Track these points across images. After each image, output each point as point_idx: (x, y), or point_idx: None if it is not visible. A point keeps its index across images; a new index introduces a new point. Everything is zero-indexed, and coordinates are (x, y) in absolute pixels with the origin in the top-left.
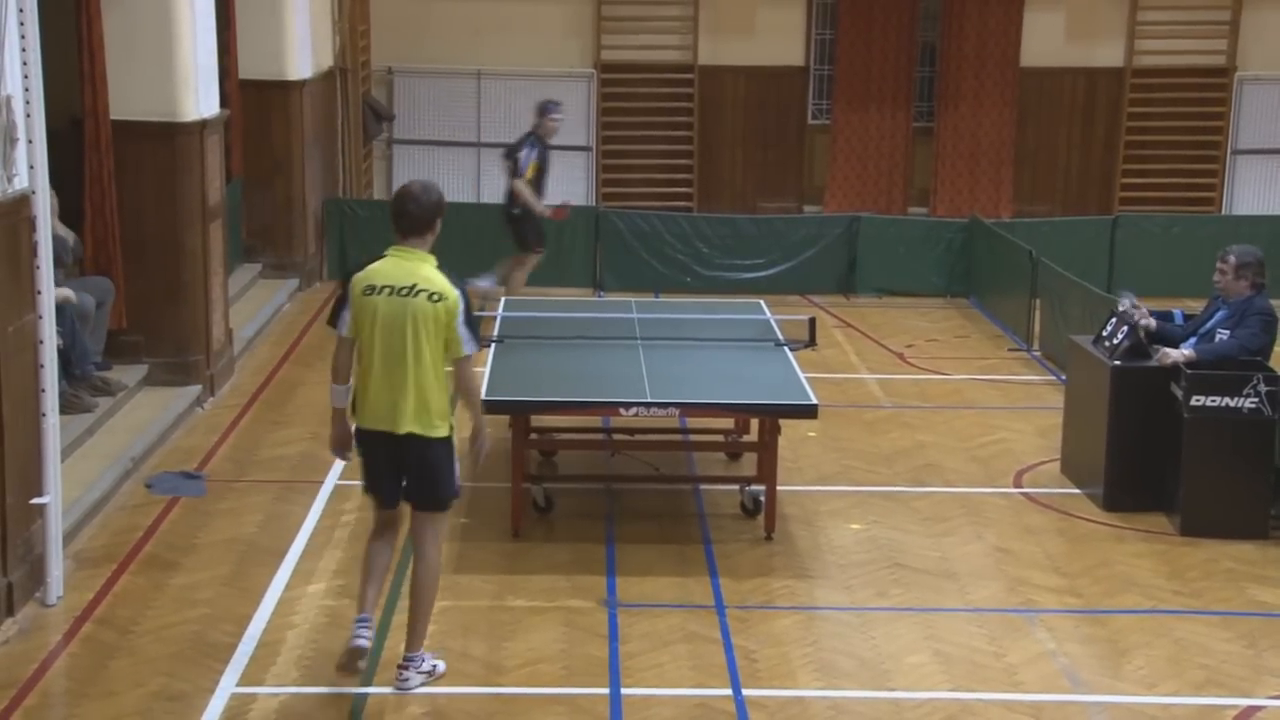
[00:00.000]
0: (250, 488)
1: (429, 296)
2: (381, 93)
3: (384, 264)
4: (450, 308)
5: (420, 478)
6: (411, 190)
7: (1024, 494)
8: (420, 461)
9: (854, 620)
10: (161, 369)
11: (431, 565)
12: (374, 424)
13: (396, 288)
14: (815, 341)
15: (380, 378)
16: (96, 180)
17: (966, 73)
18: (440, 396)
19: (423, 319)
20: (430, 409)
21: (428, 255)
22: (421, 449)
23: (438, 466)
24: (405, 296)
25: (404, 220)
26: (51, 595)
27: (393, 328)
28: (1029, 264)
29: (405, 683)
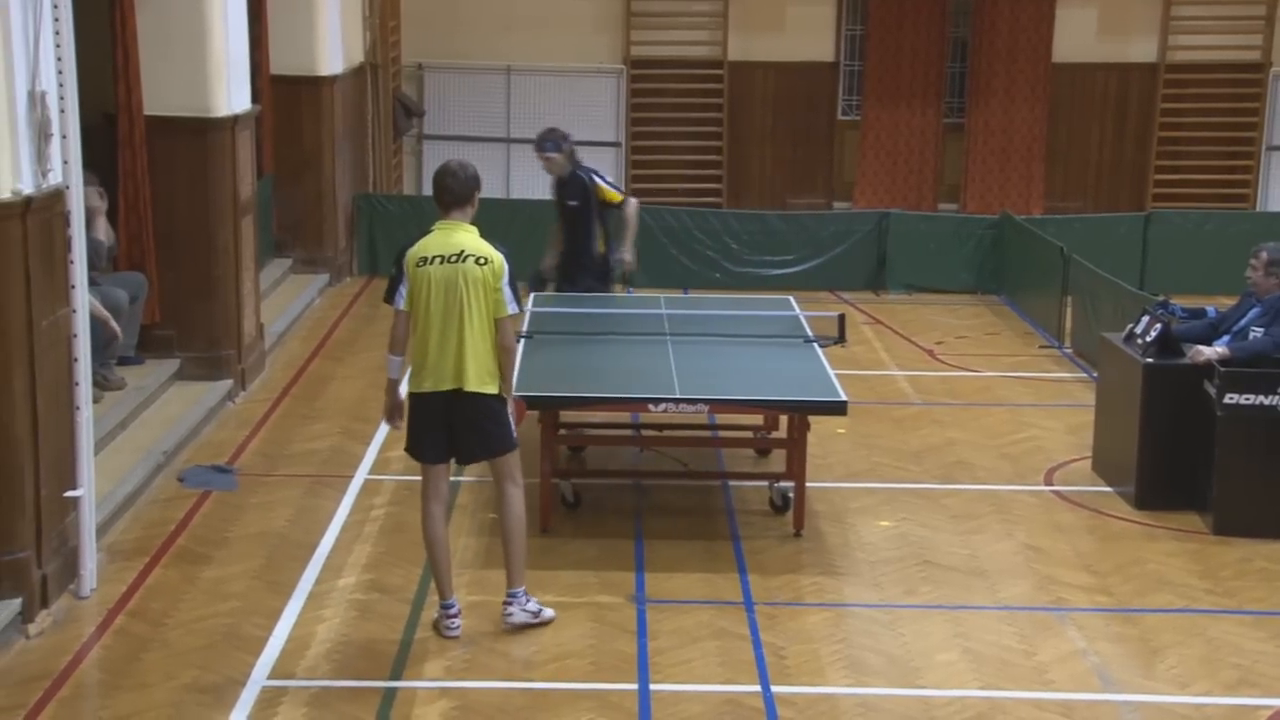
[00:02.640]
0: (281, 482)
1: (476, 260)
2: (412, 88)
3: (432, 237)
4: (496, 270)
5: (484, 431)
6: (450, 167)
7: (1054, 492)
8: (482, 417)
9: (883, 617)
10: (193, 363)
11: (515, 506)
12: (436, 385)
13: (446, 256)
14: (845, 338)
15: (438, 341)
16: (130, 175)
17: (998, 68)
18: (490, 354)
19: (472, 282)
20: (486, 367)
21: (470, 226)
22: (482, 405)
23: (493, 419)
24: (455, 263)
25: (446, 195)
26: (85, 588)
27: (447, 293)
28: (1060, 261)
29: (510, 618)
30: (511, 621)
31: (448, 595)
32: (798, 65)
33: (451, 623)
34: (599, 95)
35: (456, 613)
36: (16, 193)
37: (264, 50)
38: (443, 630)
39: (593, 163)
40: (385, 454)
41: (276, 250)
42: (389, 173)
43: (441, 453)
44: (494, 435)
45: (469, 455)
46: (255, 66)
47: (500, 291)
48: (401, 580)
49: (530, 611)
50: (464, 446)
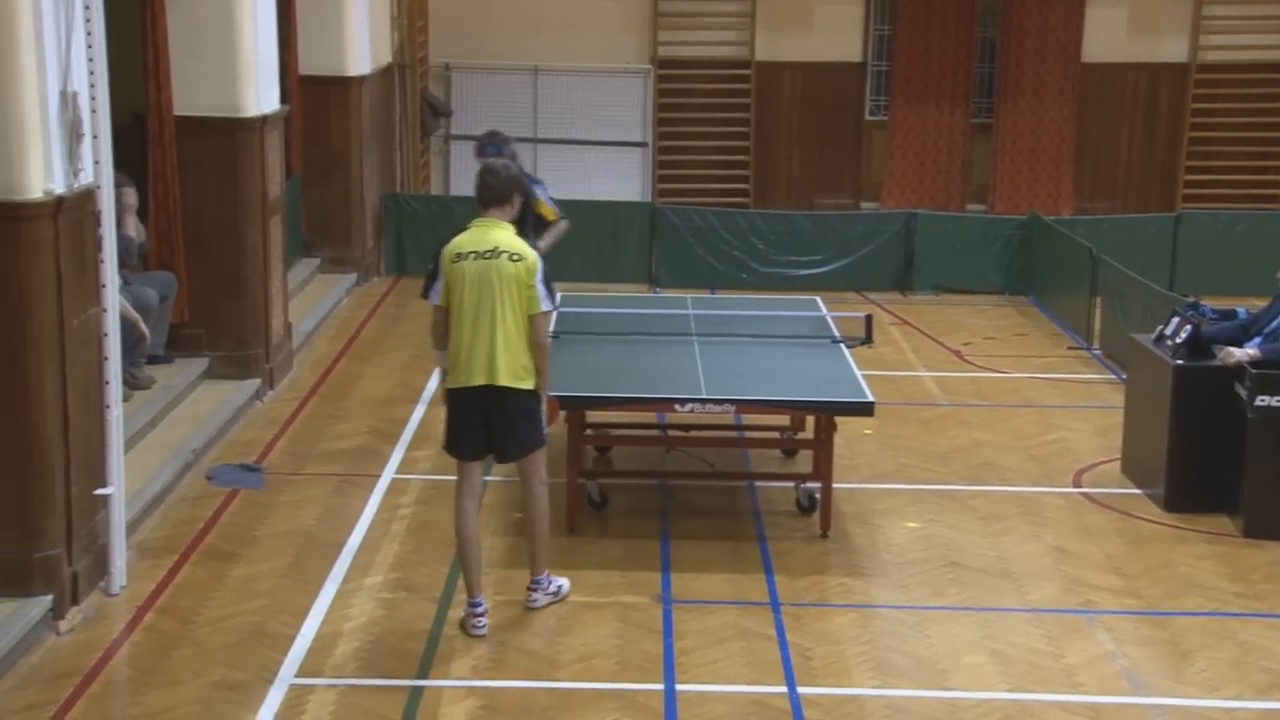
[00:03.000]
0: (308, 480)
1: (509, 257)
2: (439, 88)
3: (467, 234)
4: (530, 267)
5: (514, 427)
6: (493, 166)
7: (1083, 494)
8: (514, 412)
9: (910, 619)
10: (221, 362)
11: (540, 499)
12: (469, 380)
13: (481, 252)
14: (872, 339)
15: (472, 336)
16: (160, 175)
17: (1026, 68)
18: (524, 351)
19: (505, 278)
20: (519, 363)
21: (506, 224)
22: (514, 400)
23: (525, 415)
24: (489, 259)
25: (486, 192)
26: (115, 585)
27: (481, 289)
28: (1089, 262)
29: (534, 603)
30: (535, 606)
31: (476, 593)
32: (825, 65)
33: (478, 621)
34: (626, 95)
35: (484, 611)
36: (48, 192)
37: (293, 51)
38: (469, 629)
39: (620, 163)
40: (412, 453)
41: (304, 250)
42: (416, 173)
43: (477, 449)
44: (526, 433)
45: (506, 454)
46: (284, 67)
47: (533, 288)
48: (428, 579)
49: (551, 594)
50: (501, 445)
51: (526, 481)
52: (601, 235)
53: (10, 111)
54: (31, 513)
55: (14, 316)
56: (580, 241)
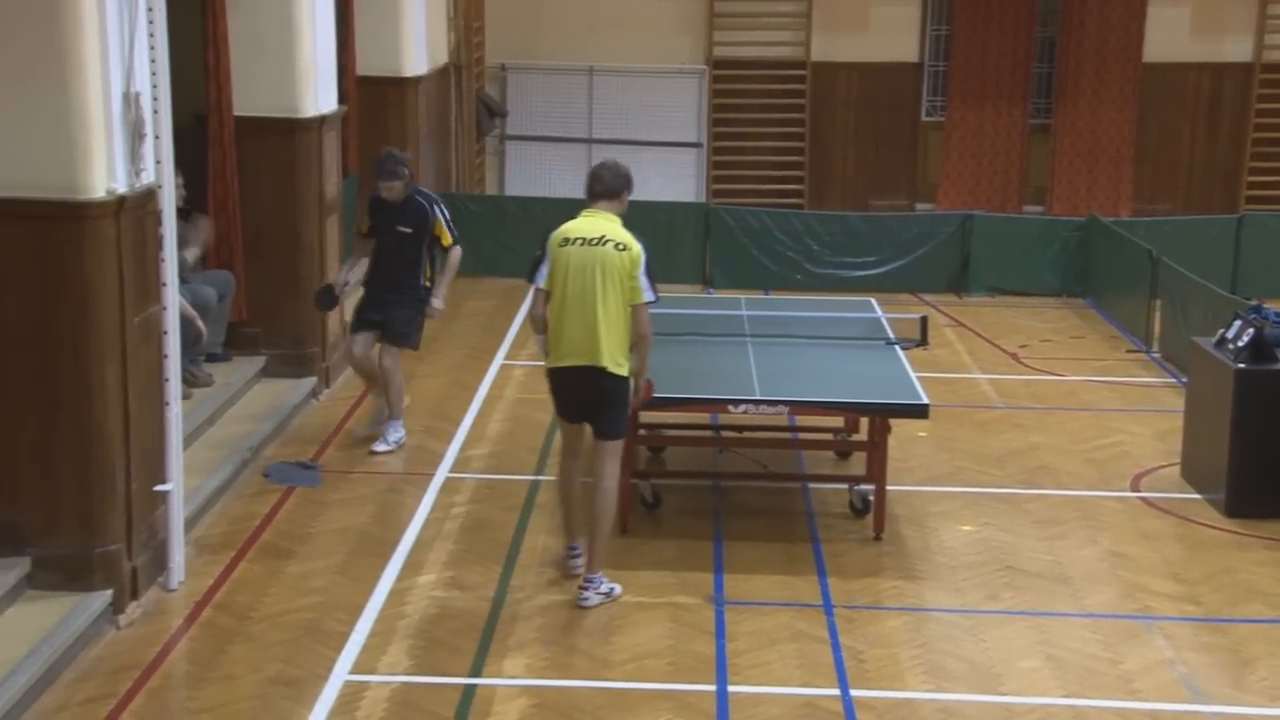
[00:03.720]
0: (363, 479)
1: (615, 246)
2: (495, 89)
3: (578, 221)
4: (634, 258)
5: (601, 410)
6: (606, 162)
7: (1141, 498)
8: (604, 394)
9: (964, 623)
10: (278, 361)
11: (607, 491)
12: (568, 361)
13: (587, 239)
14: (927, 340)
15: (573, 318)
16: (220, 175)
17: (1086, 68)
18: (622, 338)
19: (609, 266)
20: (615, 348)
21: (615, 217)
22: (607, 383)
23: (616, 401)
24: (594, 246)
25: (597, 184)
26: (173, 580)
27: (584, 274)
28: (1149, 264)
29: (585, 601)
30: (586, 604)
31: (573, 538)
32: (881, 66)
33: (575, 561)
34: (681, 96)
35: (580, 553)
36: (111, 192)
37: (350, 52)
38: (568, 568)
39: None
40: (466, 452)
41: (360, 249)
42: (472, 173)
43: (577, 415)
44: (613, 419)
45: (598, 429)
46: (342, 68)
47: (636, 279)
48: (481, 577)
49: (603, 594)
50: (595, 420)
51: (597, 472)
52: (655, 236)
53: (75, 112)
54: (93, 508)
55: (77, 314)
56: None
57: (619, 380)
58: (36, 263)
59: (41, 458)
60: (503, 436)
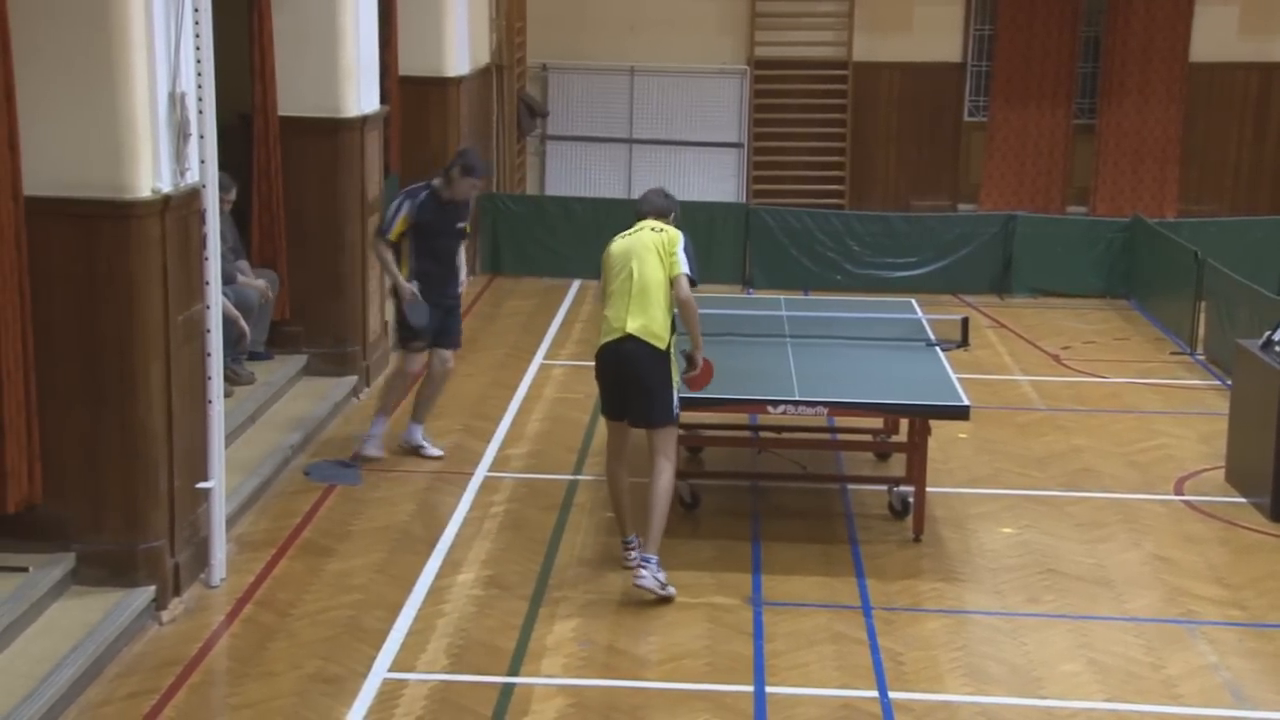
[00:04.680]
0: (403, 477)
1: (651, 229)
2: (536, 89)
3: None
4: (672, 238)
5: (641, 391)
6: (661, 190)
7: (1185, 501)
8: (641, 369)
9: (1004, 625)
10: (320, 359)
11: (662, 478)
12: (607, 337)
13: (629, 233)
14: (968, 341)
15: (616, 298)
16: (265, 174)
17: (1131, 68)
18: (663, 316)
19: (645, 246)
20: (654, 323)
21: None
22: (647, 357)
23: (656, 379)
24: (634, 234)
25: (646, 205)
26: (215, 577)
27: (625, 257)
28: (1194, 265)
29: (641, 580)
30: (641, 584)
31: (627, 532)
32: (924, 66)
33: (630, 554)
34: (722, 96)
35: (635, 545)
36: (156, 191)
37: (393, 52)
38: (625, 560)
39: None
40: (505, 451)
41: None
42: (513, 173)
43: (615, 409)
44: (657, 403)
45: (635, 417)
46: (384, 68)
47: (675, 255)
48: (520, 577)
49: (659, 581)
50: (632, 406)
51: (653, 456)
52: (696, 236)
53: (121, 112)
54: (137, 505)
55: (123, 312)
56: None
57: (657, 354)
58: (82, 262)
59: (87, 455)
60: (542, 436)
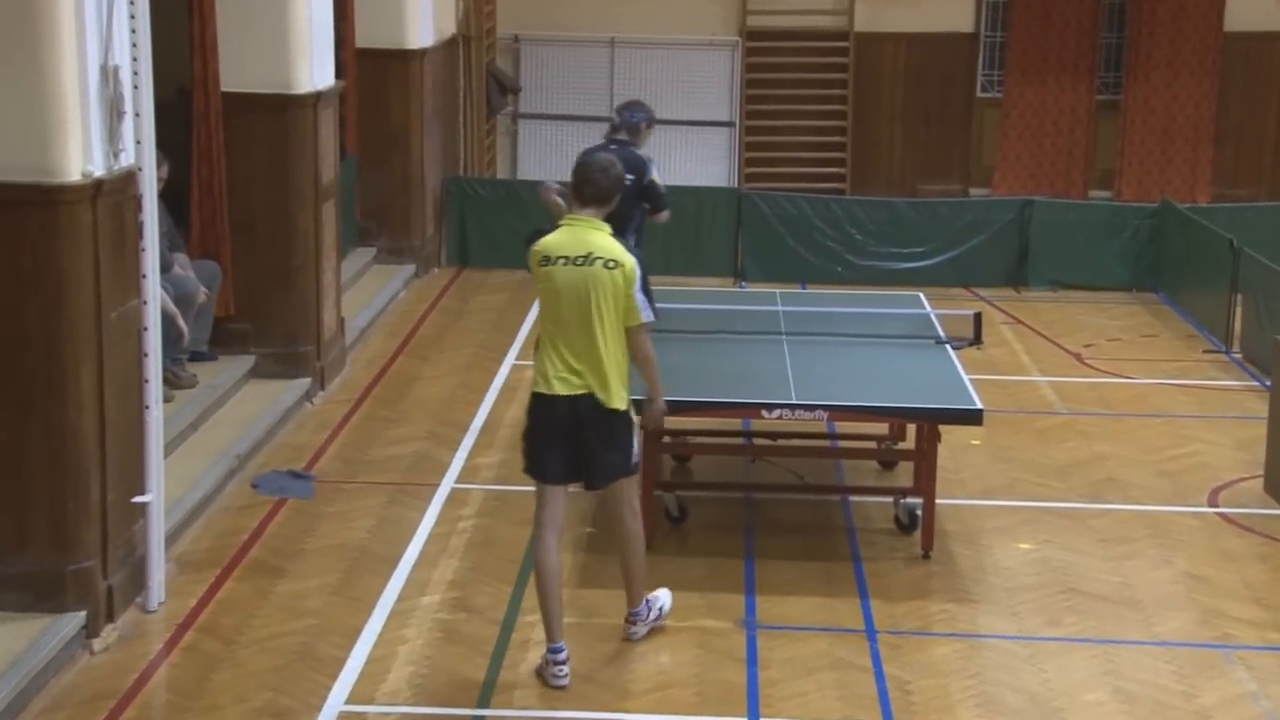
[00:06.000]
0: (361, 490)
1: (605, 264)
2: (507, 63)
3: (560, 234)
4: (628, 275)
5: (602, 449)
6: (601, 162)
7: (1220, 514)
8: (600, 433)
9: (1022, 651)
10: (269, 360)
11: (632, 535)
12: (564, 389)
13: (572, 257)
14: (981, 339)
15: (563, 348)
16: (205, 155)
17: (1160, 38)
18: (620, 368)
19: (601, 288)
20: (612, 379)
21: (601, 224)
22: (601, 420)
23: (616, 437)
24: (582, 266)
25: (590, 188)
26: (153, 600)
27: (573, 298)
28: (1229, 254)
29: (634, 635)
30: (636, 637)
31: (556, 637)
32: (932, 36)
33: (560, 670)
34: (712, 70)
35: (566, 658)
36: (87, 175)
37: (349, 22)
38: (549, 678)
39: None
40: (474, 460)
41: (359, 238)
42: (482, 154)
43: (563, 471)
44: (615, 461)
45: (594, 479)
46: (340, 39)
47: (632, 298)
48: (490, 599)
49: (652, 620)
50: (587, 469)
51: (616, 512)
52: (683, 224)
53: (48, 88)
54: (65, 521)
55: (50, 308)
56: (660, 230)
57: (620, 415)
58: (5, 252)
59: (9, 465)
60: (514, 443)
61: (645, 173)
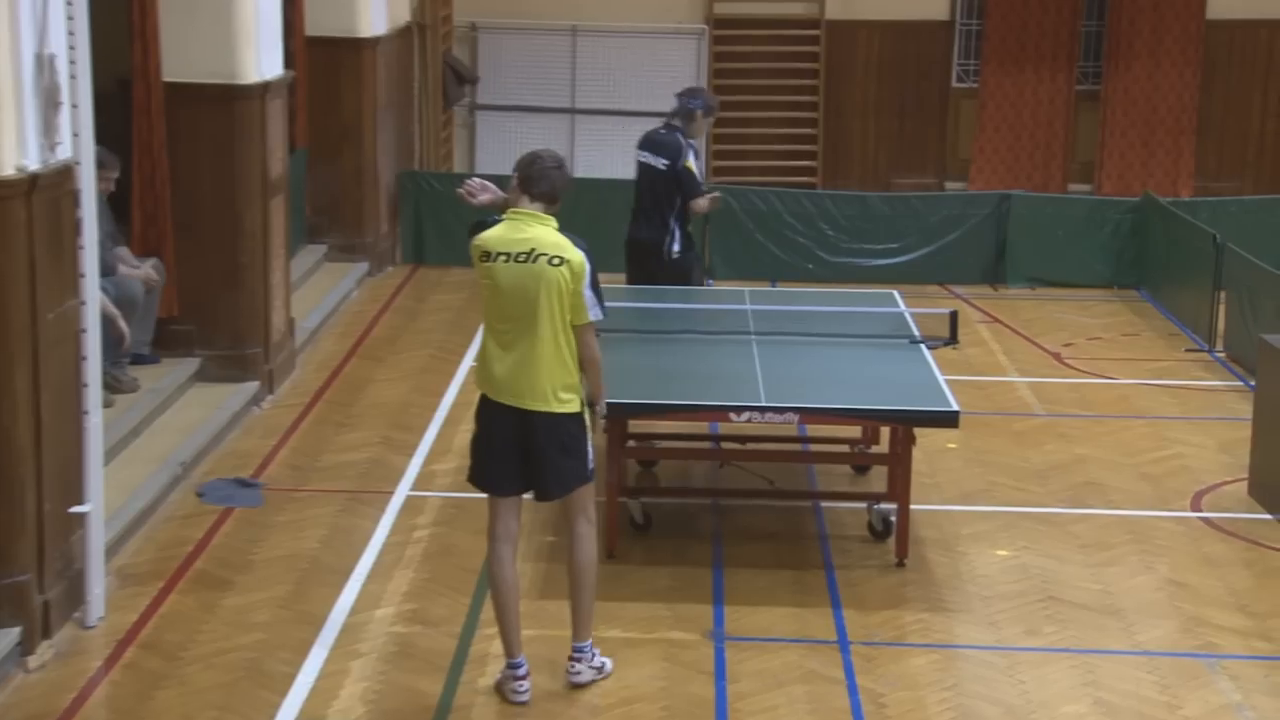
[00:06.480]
0: (312, 498)
1: (550, 260)
2: (464, 52)
3: (501, 228)
4: (575, 270)
5: (555, 459)
6: (546, 157)
7: (1204, 519)
8: (554, 439)
9: (999, 661)
10: (215, 363)
11: (587, 547)
12: (499, 397)
13: (514, 254)
14: (957, 339)
15: (505, 351)
16: (146, 149)
17: (1142, 26)
18: (568, 369)
19: (546, 285)
20: (559, 383)
21: (547, 217)
22: (552, 427)
23: (571, 445)
24: (524, 263)
25: (543, 183)
26: (92, 616)
27: (515, 298)
28: (1213, 250)
29: (576, 676)
30: (578, 681)
31: (516, 653)
32: (907, 25)
33: (520, 685)
34: (677, 60)
35: (526, 674)
36: (21, 169)
37: (298, 8)
38: (509, 694)
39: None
40: (430, 467)
41: (310, 235)
42: (438, 147)
43: (513, 482)
44: (570, 468)
45: (546, 490)
46: (288, 27)
47: (579, 295)
48: (447, 611)
49: (596, 668)
50: (539, 479)
51: (571, 521)
52: None
53: None
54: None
55: None
56: (623, 228)
57: (571, 419)
58: None
59: None
60: None
61: (679, 158)
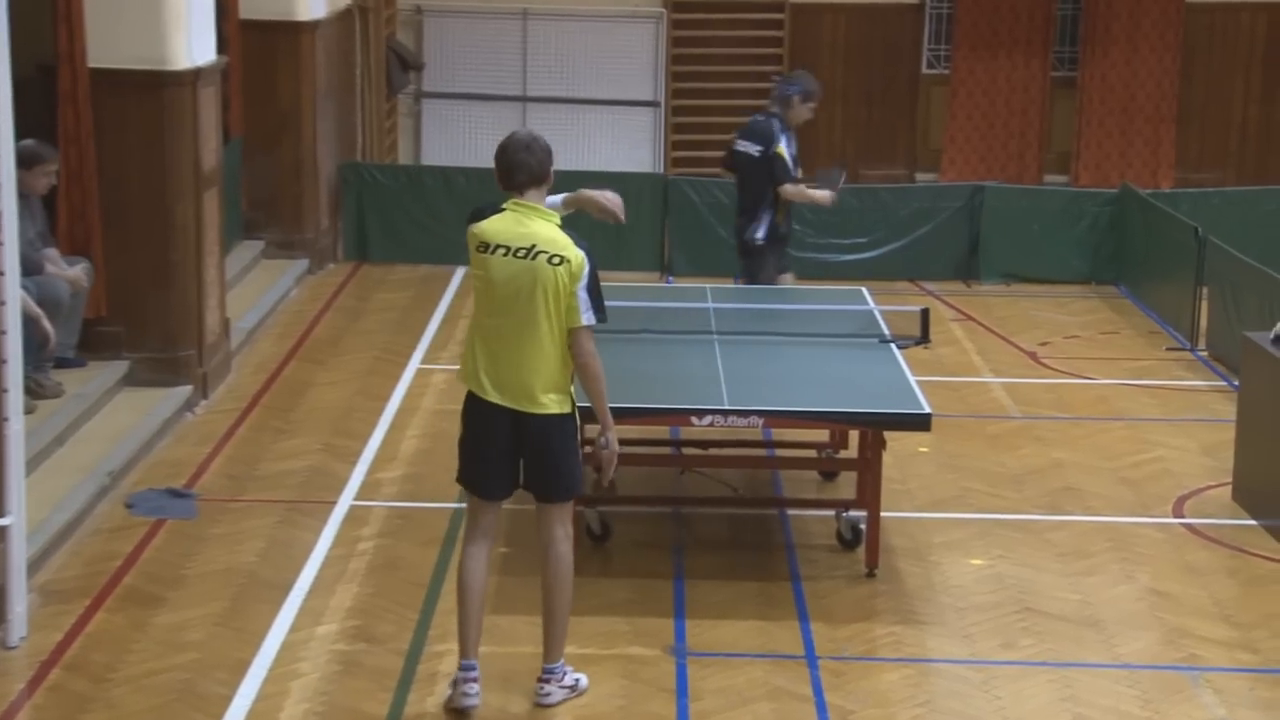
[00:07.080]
0: (249, 509)
1: (549, 259)
2: (408, 36)
3: (501, 219)
4: (574, 271)
5: (540, 461)
6: (520, 138)
7: (1186, 525)
8: (539, 442)
9: (974, 676)
10: (145, 366)
11: (562, 558)
12: (495, 397)
13: (514, 249)
14: (929, 338)
15: (496, 347)
16: (73, 140)
17: (1119, 10)
18: (561, 371)
19: (543, 285)
20: (550, 384)
21: (549, 213)
22: (541, 427)
23: (559, 448)
24: (524, 259)
25: (521, 172)
26: (13, 635)
27: (511, 295)
28: (1194, 244)
29: (546, 697)
30: (547, 702)
31: (470, 654)
32: (874, 7)
33: (470, 688)
34: (635, 45)
35: (477, 676)
36: None
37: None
38: (459, 698)
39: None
40: (374, 476)
41: (246, 230)
42: (381, 138)
43: (503, 486)
44: (563, 473)
45: (547, 491)
46: (221, 10)
47: (575, 296)
48: (394, 627)
49: (568, 687)
50: (541, 481)
51: (546, 532)
52: None
53: None
54: None
55: None
56: (578, 222)
57: (554, 421)
58: None
59: None
60: (419, 456)
61: (772, 144)
